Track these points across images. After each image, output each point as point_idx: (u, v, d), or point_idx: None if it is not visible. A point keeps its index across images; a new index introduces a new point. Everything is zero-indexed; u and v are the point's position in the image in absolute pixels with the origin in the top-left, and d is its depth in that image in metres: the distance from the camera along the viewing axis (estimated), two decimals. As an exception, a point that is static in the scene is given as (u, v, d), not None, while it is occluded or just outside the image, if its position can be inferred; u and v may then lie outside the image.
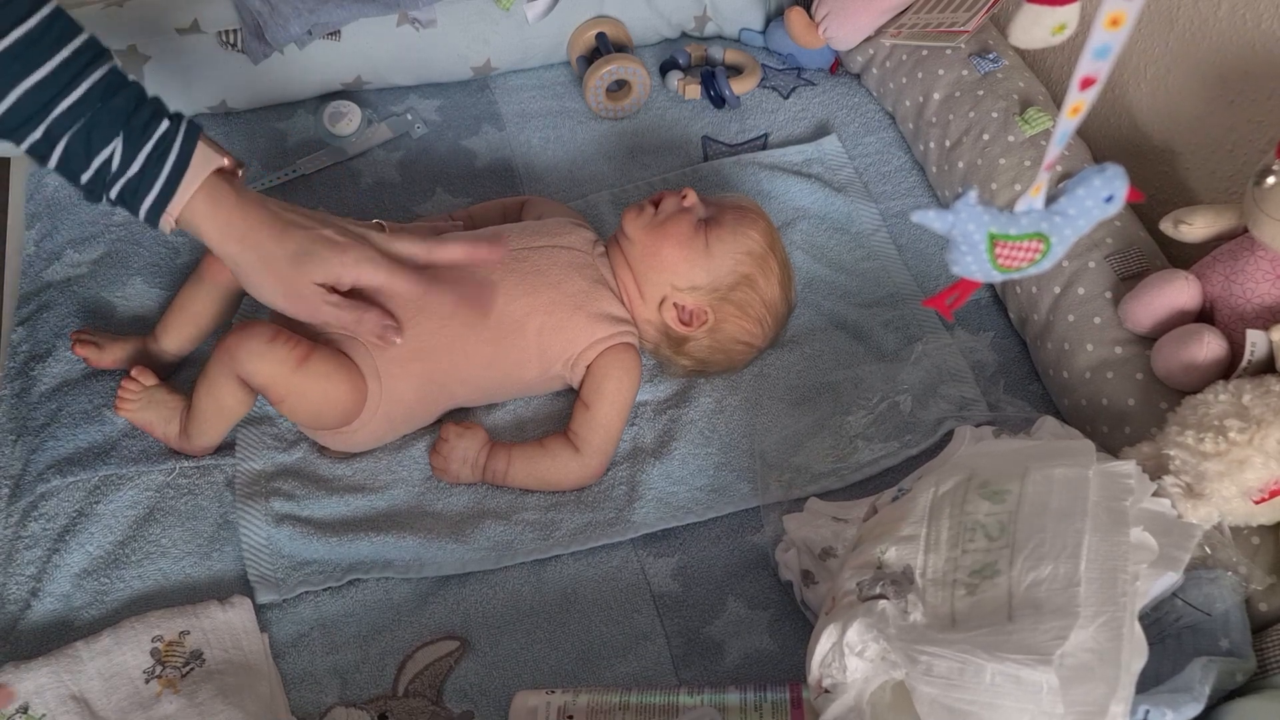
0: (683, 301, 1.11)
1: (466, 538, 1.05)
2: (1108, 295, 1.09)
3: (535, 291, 1.09)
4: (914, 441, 1.11)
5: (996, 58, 1.31)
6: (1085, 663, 0.71)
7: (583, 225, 1.19)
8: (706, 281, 1.11)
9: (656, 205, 1.13)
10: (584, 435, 1.09)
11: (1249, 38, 1.07)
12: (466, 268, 1.04)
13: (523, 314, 1.08)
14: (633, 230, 1.12)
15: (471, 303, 1.06)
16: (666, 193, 1.13)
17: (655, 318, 1.13)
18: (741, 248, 1.11)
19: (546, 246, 1.12)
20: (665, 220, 1.11)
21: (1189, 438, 0.86)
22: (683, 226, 1.11)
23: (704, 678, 0.98)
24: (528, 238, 1.12)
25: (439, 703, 0.96)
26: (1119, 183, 0.70)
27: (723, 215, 1.13)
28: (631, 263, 1.13)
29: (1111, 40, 0.59)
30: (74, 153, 0.86)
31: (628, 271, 1.13)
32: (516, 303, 1.08)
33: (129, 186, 0.88)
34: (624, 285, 1.13)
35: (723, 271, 1.11)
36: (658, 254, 1.11)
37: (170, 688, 0.94)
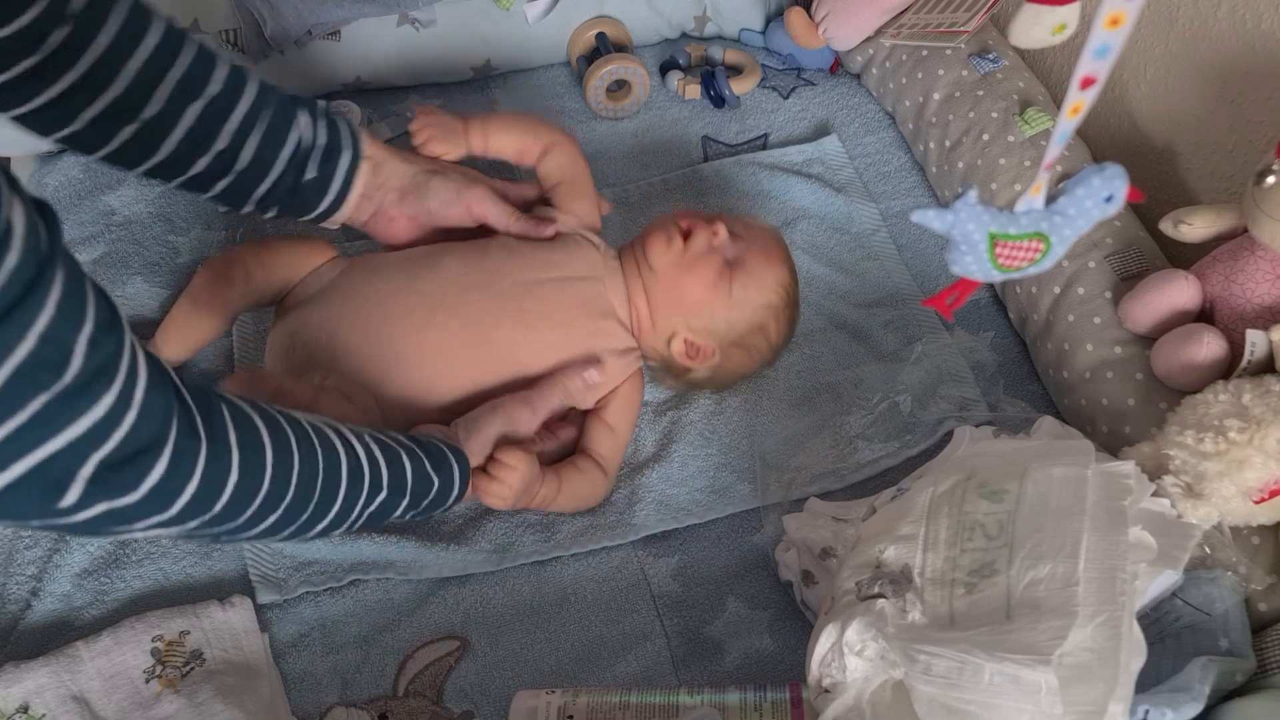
0: (694, 340, 1.09)
1: (467, 539, 1.05)
2: (1107, 295, 1.09)
3: (540, 335, 1.05)
4: (914, 442, 1.11)
5: (996, 58, 1.31)
6: (1084, 662, 0.71)
7: (593, 234, 1.13)
8: (723, 328, 1.09)
9: (686, 236, 1.07)
10: (609, 457, 1.09)
11: (1249, 37, 1.07)
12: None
13: (528, 359, 1.05)
14: (659, 264, 1.07)
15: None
16: (697, 224, 1.08)
17: (661, 346, 1.11)
18: (764, 299, 1.09)
19: (552, 280, 1.07)
20: (694, 260, 1.07)
21: (1189, 437, 0.86)
22: (711, 270, 1.07)
23: (704, 677, 0.98)
24: (532, 268, 1.07)
25: (439, 703, 0.96)
26: (1119, 182, 0.70)
27: (749, 258, 1.08)
28: (649, 293, 1.09)
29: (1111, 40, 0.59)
30: (264, 151, 0.95)
31: (643, 298, 1.09)
32: (521, 347, 1.05)
33: (325, 155, 0.98)
34: (636, 311, 1.10)
35: (740, 321, 1.09)
36: (680, 294, 1.08)
37: (170, 688, 0.94)
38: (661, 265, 1.07)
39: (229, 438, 0.71)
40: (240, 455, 0.72)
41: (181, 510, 0.69)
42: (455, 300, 1.04)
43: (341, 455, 0.83)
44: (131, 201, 1.27)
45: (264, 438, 0.75)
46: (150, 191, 1.28)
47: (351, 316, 1.03)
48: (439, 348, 1.02)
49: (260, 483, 0.74)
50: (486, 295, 1.04)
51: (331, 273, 1.08)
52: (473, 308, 1.04)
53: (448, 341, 1.03)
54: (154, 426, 0.64)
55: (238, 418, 0.73)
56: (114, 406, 0.60)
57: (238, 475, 0.72)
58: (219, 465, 0.70)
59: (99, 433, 0.60)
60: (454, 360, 1.03)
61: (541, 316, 1.06)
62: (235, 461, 0.71)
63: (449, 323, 1.03)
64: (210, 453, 0.69)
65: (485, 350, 1.04)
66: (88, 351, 0.58)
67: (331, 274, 1.08)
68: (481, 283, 1.05)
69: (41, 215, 0.57)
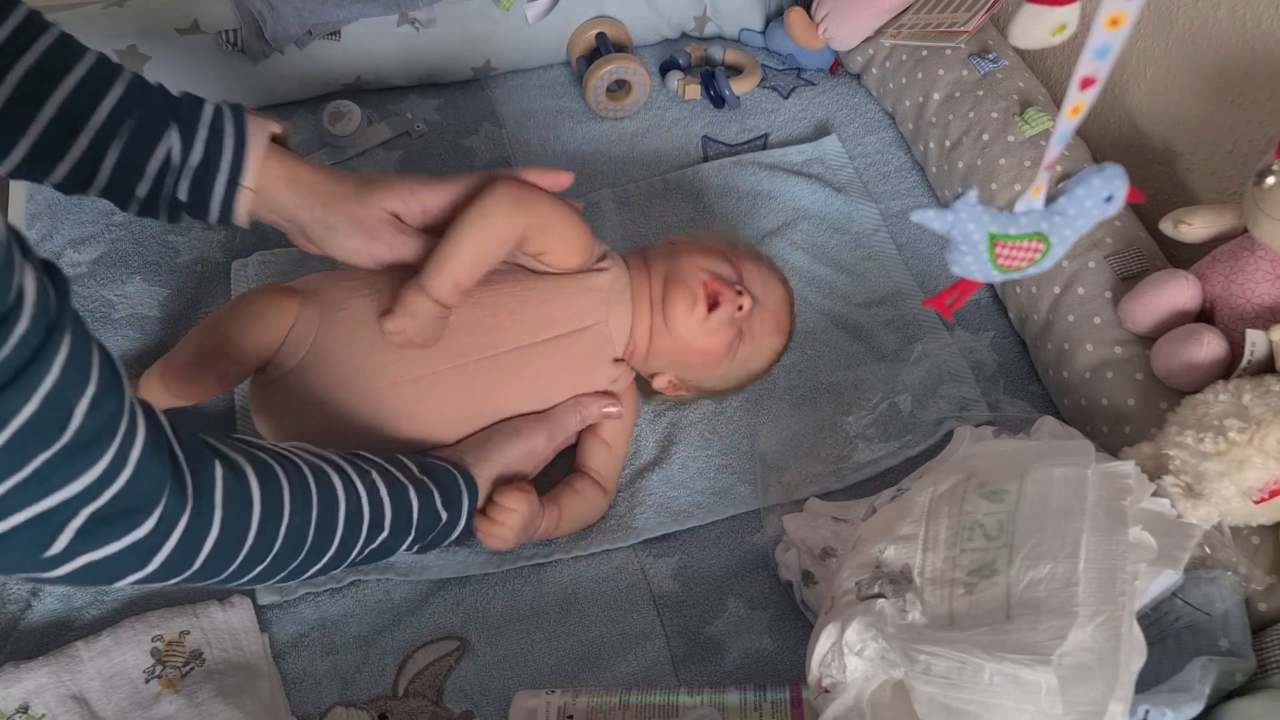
0: (677, 384, 1.10)
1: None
2: (1107, 295, 1.09)
3: (537, 398, 1.04)
4: (914, 442, 1.11)
5: (996, 58, 1.31)
6: (1084, 662, 0.71)
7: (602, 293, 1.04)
8: (714, 384, 1.10)
9: (711, 305, 1.02)
10: (608, 474, 1.08)
11: (1249, 37, 1.07)
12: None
13: (503, 407, 1.03)
14: (676, 326, 1.03)
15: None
16: (725, 293, 1.02)
17: (642, 369, 1.10)
18: (757, 366, 1.10)
19: (555, 338, 1.02)
20: (713, 331, 1.03)
21: (1189, 438, 0.86)
22: (724, 343, 1.04)
23: (704, 678, 0.98)
24: (534, 327, 1.01)
25: (439, 703, 0.96)
26: (1118, 182, 0.70)
27: (760, 330, 1.07)
28: (654, 338, 1.05)
29: (1111, 40, 0.59)
30: (128, 160, 0.85)
31: (646, 336, 1.06)
32: (517, 407, 1.03)
33: (197, 176, 0.88)
34: (634, 343, 1.06)
35: (729, 380, 1.10)
36: (689, 357, 1.06)
37: (170, 688, 0.94)
38: (679, 328, 1.04)
39: (215, 496, 0.71)
40: (223, 514, 0.71)
41: (160, 567, 0.69)
42: (449, 374, 0.99)
43: (340, 500, 0.82)
44: (131, 201, 1.27)
45: (253, 492, 0.74)
46: (150, 191, 1.28)
47: (340, 391, 0.98)
48: (433, 418, 1.00)
49: (243, 539, 0.74)
50: (477, 367, 1.00)
51: (308, 333, 0.98)
52: (468, 382, 1.00)
53: (442, 413, 1.00)
54: (147, 486, 0.65)
55: (229, 473, 0.72)
56: (110, 465, 0.61)
57: (218, 533, 0.71)
58: (199, 522, 0.70)
59: (94, 490, 0.61)
60: (449, 422, 1.01)
61: (540, 380, 1.03)
62: (217, 520, 0.71)
63: (444, 397, 0.99)
64: (193, 510, 0.69)
65: (480, 412, 1.02)
66: (88, 412, 0.59)
67: (309, 334, 0.98)
68: (474, 348, 1.00)
69: (50, 278, 0.58)
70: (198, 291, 1.21)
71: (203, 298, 1.20)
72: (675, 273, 1.05)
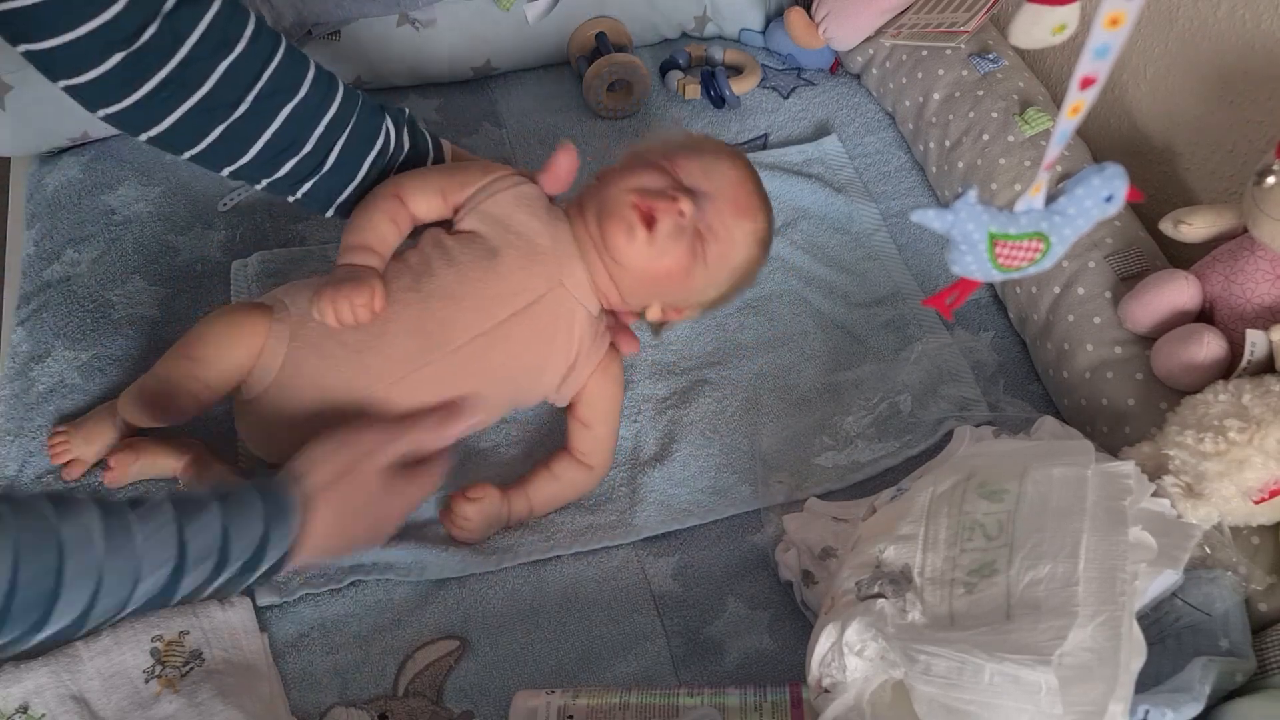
0: (672, 308, 1.05)
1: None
2: (1107, 295, 1.09)
3: (498, 378, 1.00)
4: (914, 441, 1.11)
5: (996, 58, 1.31)
6: (1084, 662, 0.71)
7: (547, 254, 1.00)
8: (702, 295, 1.04)
9: (649, 224, 0.96)
10: (590, 452, 1.06)
11: (1249, 37, 1.07)
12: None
13: (487, 395, 1.00)
14: (628, 260, 0.98)
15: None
16: (658, 205, 0.96)
17: (635, 311, 1.06)
18: (743, 256, 1.02)
19: (511, 318, 0.98)
20: (663, 248, 0.97)
21: (1189, 438, 0.86)
22: (682, 253, 0.98)
23: (704, 678, 0.98)
24: (484, 312, 0.97)
25: (439, 703, 0.96)
26: (1118, 182, 0.70)
27: (720, 221, 0.99)
28: (618, 281, 1.01)
29: (1111, 40, 0.59)
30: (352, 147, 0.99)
31: (610, 283, 1.01)
32: (494, 394, 1.01)
33: (408, 161, 1.03)
34: (604, 295, 1.02)
35: (721, 282, 1.03)
36: (657, 283, 1.01)
37: (170, 687, 0.94)
38: (628, 260, 0.98)
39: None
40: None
41: None
42: (413, 380, 0.97)
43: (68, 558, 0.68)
44: (131, 201, 1.27)
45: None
46: (150, 191, 1.29)
47: (317, 404, 0.97)
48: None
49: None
50: (443, 364, 0.97)
51: (279, 350, 0.97)
52: (432, 382, 0.97)
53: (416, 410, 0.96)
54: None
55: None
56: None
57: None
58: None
59: None
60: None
61: (514, 360, 1.00)
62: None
63: (413, 398, 0.97)
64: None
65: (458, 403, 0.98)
66: None
67: (280, 351, 0.97)
68: (431, 347, 0.97)
69: None
70: (197, 291, 1.21)
71: (203, 298, 1.20)
72: (604, 205, 0.99)
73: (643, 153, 1.04)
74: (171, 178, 1.30)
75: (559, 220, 1.02)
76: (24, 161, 1.35)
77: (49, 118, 1.27)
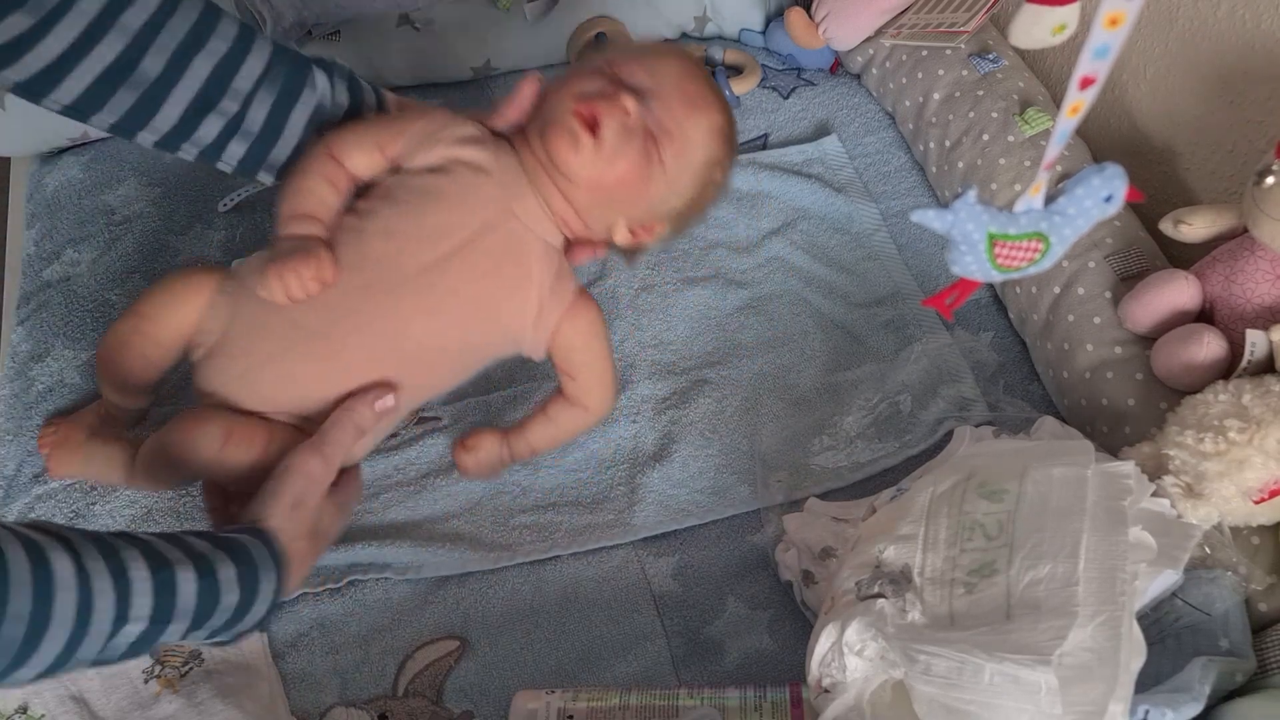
0: (638, 224, 0.97)
1: (465, 539, 1.05)
2: (1107, 295, 1.09)
3: (451, 315, 0.92)
4: (914, 441, 1.11)
5: (996, 58, 1.31)
6: (1084, 662, 0.71)
7: (493, 183, 0.93)
8: (667, 204, 0.96)
9: (591, 126, 0.89)
10: (584, 396, 1.02)
11: (1249, 37, 1.07)
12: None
13: (441, 341, 0.93)
14: (578, 172, 0.90)
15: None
16: (599, 107, 0.89)
17: (601, 237, 0.98)
18: (704, 156, 0.95)
19: (455, 252, 0.91)
20: (613, 154, 0.90)
21: (1189, 438, 0.86)
22: (635, 157, 0.90)
23: (704, 678, 0.98)
24: (429, 241, 0.91)
25: (439, 703, 0.96)
26: (1118, 182, 0.70)
27: (670, 117, 0.92)
28: (572, 200, 0.93)
29: (1111, 40, 0.59)
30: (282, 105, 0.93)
31: (565, 205, 0.94)
32: (432, 336, 0.93)
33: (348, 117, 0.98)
34: (561, 220, 0.95)
35: (685, 188, 0.96)
36: (609, 195, 0.93)
37: (169, 688, 0.94)
38: (579, 173, 0.91)
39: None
40: None
41: None
42: (364, 319, 0.90)
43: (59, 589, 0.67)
44: (131, 201, 1.27)
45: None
46: (151, 191, 1.29)
47: (268, 354, 0.90)
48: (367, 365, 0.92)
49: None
50: (396, 299, 0.90)
51: (225, 307, 0.93)
52: (386, 320, 0.90)
53: (375, 358, 0.91)
54: None
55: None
56: None
57: None
58: None
59: None
60: (388, 367, 0.92)
61: (464, 296, 0.92)
62: None
63: (371, 342, 0.90)
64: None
65: (421, 348, 0.93)
66: None
67: (226, 308, 0.93)
68: (380, 283, 0.90)
69: None
70: (197, 291, 1.21)
71: (202, 298, 1.20)
72: (544, 119, 0.92)
73: (582, 63, 0.97)
74: (171, 178, 1.30)
75: (505, 151, 0.94)
76: (24, 161, 1.36)
77: (49, 118, 1.26)
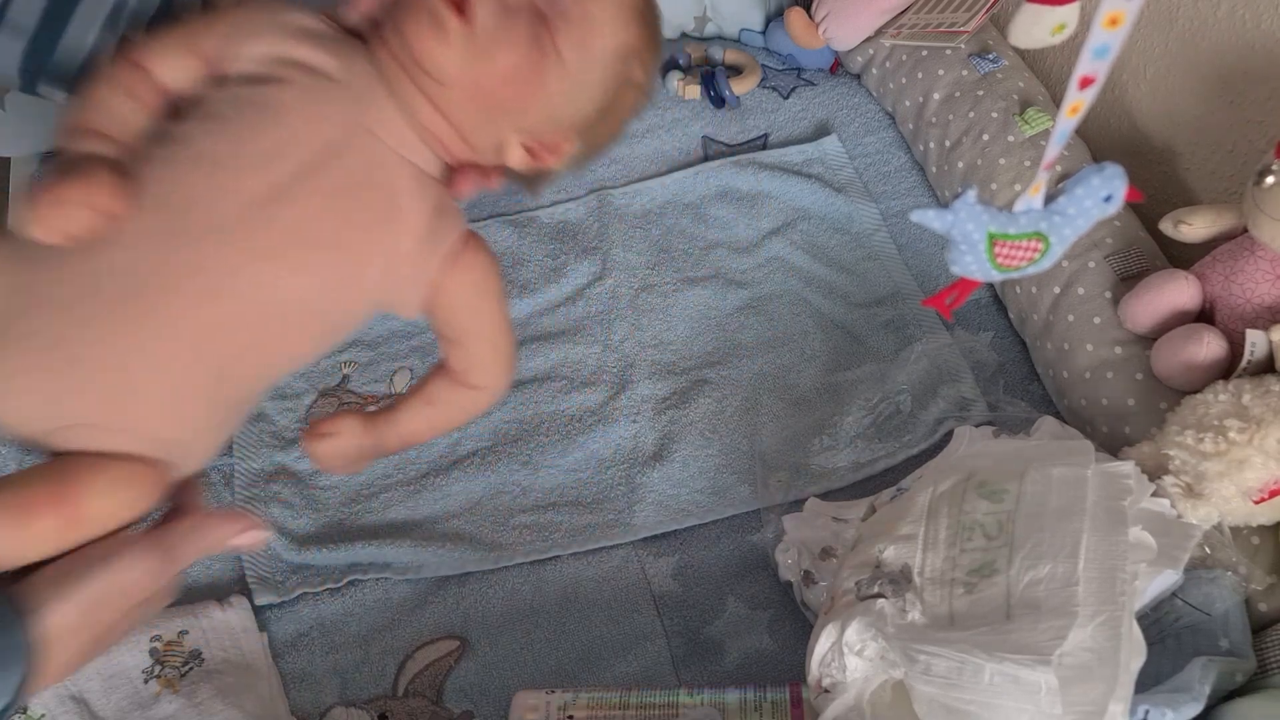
0: (535, 141, 0.75)
1: (464, 539, 1.05)
2: (1107, 295, 1.09)
3: (291, 262, 0.68)
4: (914, 441, 1.11)
5: (996, 58, 1.31)
6: (1084, 662, 0.71)
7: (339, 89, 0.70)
8: (570, 109, 0.74)
9: (459, 6, 0.67)
10: (472, 371, 0.79)
11: (1249, 37, 1.07)
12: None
13: (280, 295, 0.68)
14: (447, 69, 0.68)
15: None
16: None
17: (491, 160, 0.76)
18: (613, 44, 0.72)
19: (293, 180, 0.67)
20: (489, 43, 0.68)
21: (1189, 437, 0.86)
22: (519, 45, 0.69)
23: (704, 678, 0.98)
24: (257, 169, 0.67)
25: (439, 703, 0.96)
26: (1118, 182, 0.70)
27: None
28: (444, 108, 0.71)
29: (1110, 40, 0.59)
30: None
31: (439, 119, 0.71)
32: (269, 290, 0.67)
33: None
34: (434, 139, 0.72)
35: (591, 87, 0.73)
36: (489, 97, 0.70)
37: (169, 687, 0.94)
38: (448, 69, 0.69)
39: None
40: None
41: None
42: (156, 289, 0.65)
43: None
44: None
45: None
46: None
47: (45, 352, 0.64)
48: (181, 348, 0.66)
49: None
50: (220, 248, 0.66)
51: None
52: (194, 280, 0.65)
53: (188, 339, 0.66)
54: None
55: None
56: None
57: None
58: None
59: None
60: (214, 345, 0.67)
61: (309, 238, 0.68)
62: None
63: (174, 319, 0.65)
64: None
65: (241, 320, 0.67)
66: None
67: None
68: (182, 230, 0.65)
69: None
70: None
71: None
72: (401, 5, 0.70)
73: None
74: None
75: (357, 52, 0.72)
76: (24, 161, 1.35)
77: (49, 118, 1.27)
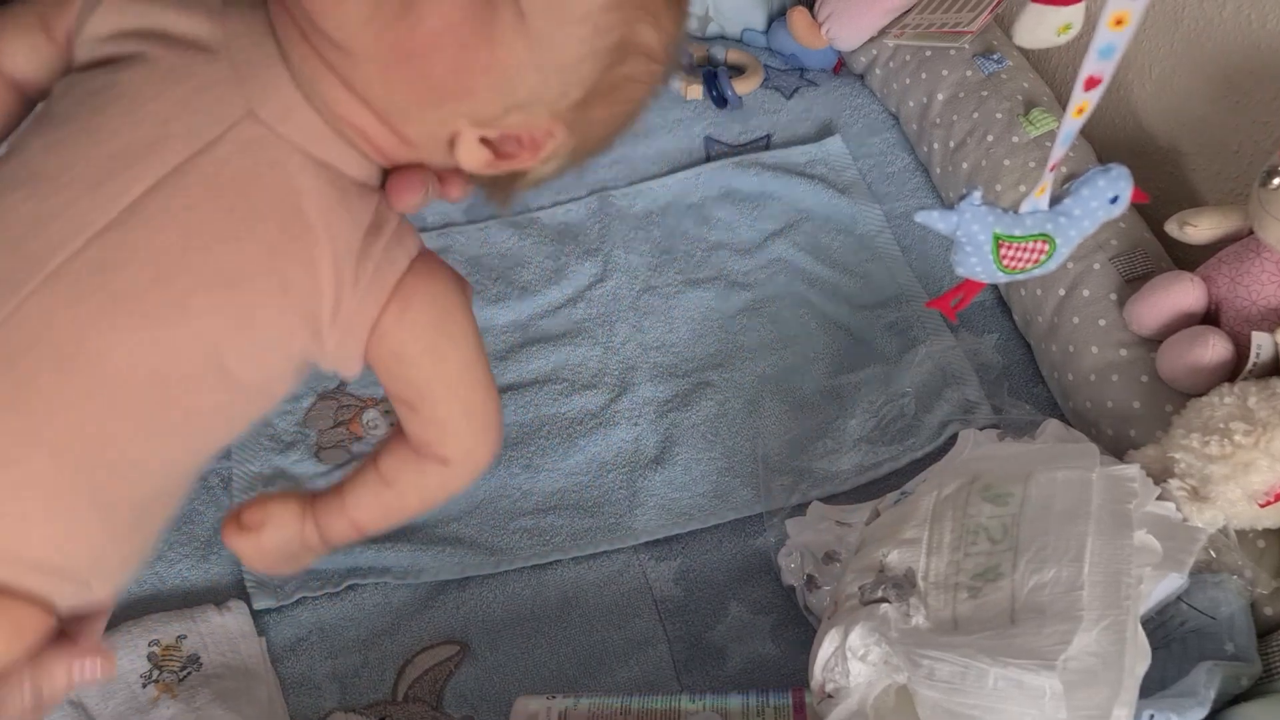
0: (497, 133, 0.55)
1: (464, 543, 1.04)
2: (1113, 297, 1.08)
3: (167, 313, 0.51)
4: (918, 445, 1.11)
5: (1001, 58, 1.30)
6: (1088, 667, 0.70)
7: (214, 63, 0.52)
8: (540, 88, 0.53)
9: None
10: (437, 440, 0.60)
11: (1254, 38, 1.07)
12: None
13: (146, 365, 0.51)
14: (344, 33, 0.49)
15: None
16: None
17: (441, 161, 0.56)
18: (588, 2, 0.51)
19: (145, 198, 0.50)
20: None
21: (1194, 440, 0.86)
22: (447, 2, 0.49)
23: (706, 683, 0.97)
24: (101, 182, 0.50)
25: (439, 708, 0.96)
26: (1124, 184, 0.70)
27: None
28: (363, 91, 0.52)
29: (1116, 40, 0.59)
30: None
31: (357, 104, 0.52)
32: (143, 348, 0.51)
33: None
34: (357, 131, 0.53)
35: (570, 56, 0.53)
36: (419, 75, 0.51)
37: (167, 692, 0.94)
38: (348, 33, 0.49)
39: None
40: None
41: None
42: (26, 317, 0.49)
43: None
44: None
45: None
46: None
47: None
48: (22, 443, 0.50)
49: None
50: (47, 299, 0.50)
51: None
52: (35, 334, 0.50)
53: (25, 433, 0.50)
54: None
55: None
56: None
57: None
58: None
59: None
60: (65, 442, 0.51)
61: (180, 266, 0.51)
62: None
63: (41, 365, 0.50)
64: None
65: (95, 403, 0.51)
66: None
67: None
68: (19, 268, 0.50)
69: None
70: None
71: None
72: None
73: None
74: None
75: (250, 16, 0.53)
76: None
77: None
